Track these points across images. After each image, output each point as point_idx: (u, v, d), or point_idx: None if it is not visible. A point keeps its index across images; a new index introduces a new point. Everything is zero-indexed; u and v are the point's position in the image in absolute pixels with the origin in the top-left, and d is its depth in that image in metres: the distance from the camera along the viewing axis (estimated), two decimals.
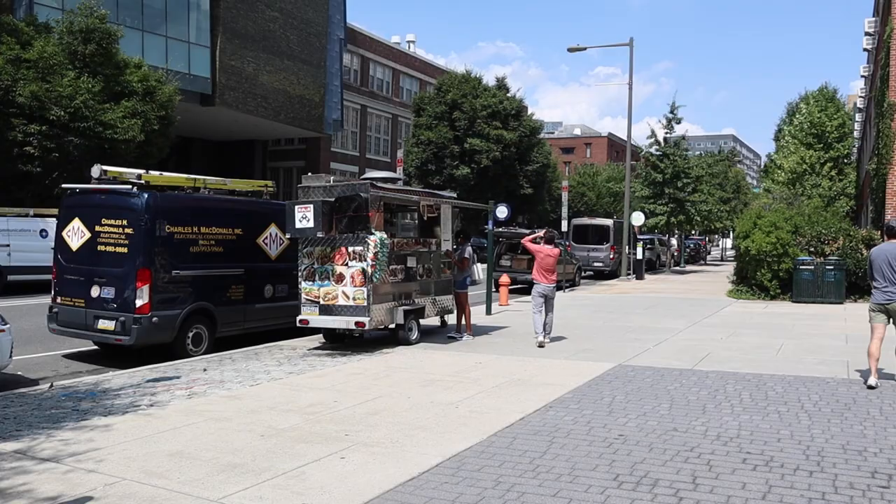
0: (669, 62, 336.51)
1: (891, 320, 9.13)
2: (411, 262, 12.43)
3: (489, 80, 47.57)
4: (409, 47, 56.67)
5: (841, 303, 19.52)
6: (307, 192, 11.71)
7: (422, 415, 7.39)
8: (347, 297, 11.31)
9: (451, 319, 13.85)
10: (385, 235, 11.44)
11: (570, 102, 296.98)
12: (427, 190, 16.79)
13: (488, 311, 16.88)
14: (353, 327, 11.33)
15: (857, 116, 44.01)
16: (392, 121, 50.63)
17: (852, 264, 20.10)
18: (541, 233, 13.39)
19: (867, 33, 32.44)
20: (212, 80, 30.83)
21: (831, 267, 19.79)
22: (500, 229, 25.72)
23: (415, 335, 12.23)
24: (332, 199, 11.42)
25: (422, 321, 12.75)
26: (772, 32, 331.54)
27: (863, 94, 40.30)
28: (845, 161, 45.54)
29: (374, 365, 10.29)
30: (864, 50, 35.84)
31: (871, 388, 8.77)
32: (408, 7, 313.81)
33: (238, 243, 12.00)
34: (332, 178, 12.06)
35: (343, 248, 11.36)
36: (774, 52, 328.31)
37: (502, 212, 21.02)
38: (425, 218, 13.09)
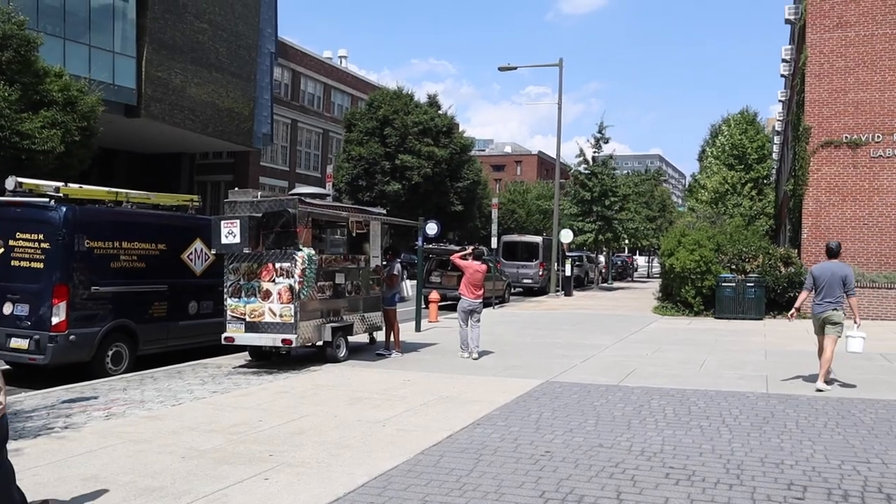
0: (599, 83, 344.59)
1: (825, 329, 10.18)
2: (340, 279, 12.31)
3: (421, 96, 47.72)
4: (341, 62, 56.47)
5: (761, 319, 20.11)
6: (234, 207, 11.50)
7: (348, 433, 7.29)
8: (274, 314, 11.12)
9: (380, 336, 13.76)
10: (313, 252, 11.31)
11: (502, 120, 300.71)
12: (356, 206, 16.70)
13: (418, 328, 16.83)
14: (280, 345, 11.16)
15: (776, 139, 45.67)
16: (323, 136, 50.29)
17: (771, 281, 20.75)
18: (469, 249, 13.52)
19: (784, 60, 33.74)
20: (137, 91, 30.12)
21: (751, 284, 20.40)
22: (431, 246, 25.74)
23: (343, 352, 12.10)
24: (260, 215, 11.24)
25: (350, 338, 12.64)
26: (697, 56, 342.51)
27: (781, 118, 41.88)
28: (765, 182, 47.12)
29: (300, 383, 10.13)
30: (782, 76, 37.28)
31: (819, 391, 9.77)
32: (341, 22, 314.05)
33: (161, 259, 11.70)
34: (259, 193, 11.91)
35: (270, 265, 11.18)
36: (700, 75, 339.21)
37: (432, 228, 21.04)
38: (354, 234, 12.99)
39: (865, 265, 20.76)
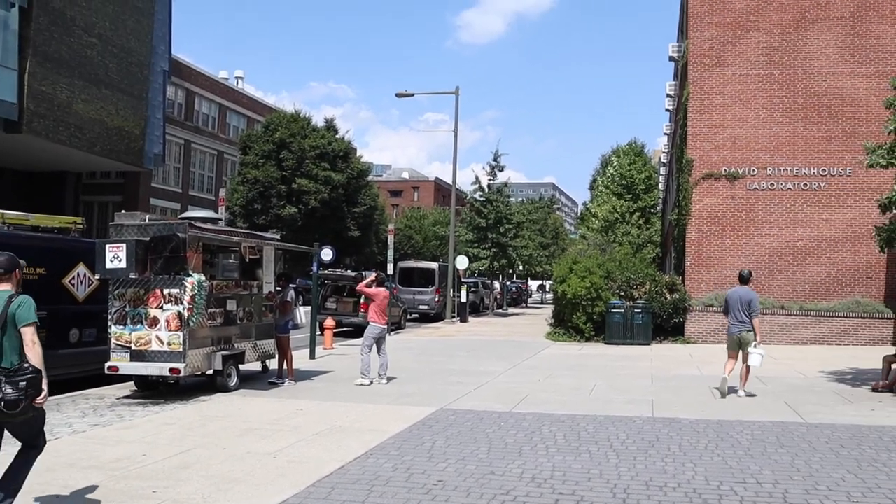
0: (496, 111, 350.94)
1: (741, 346, 11.73)
2: (231, 306, 12.04)
3: (319, 120, 47.49)
4: (237, 83, 55.58)
5: (648, 344, 20.81)
6: (120, 230, 11.10)
7: (237, 466, 7.10)
8: (162, 342, 10.76)
9: (273, 364, 13.50)
10: (203, 277, 11.03)
11: (401, 146, 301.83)
12: (249, 231, 16.43)
13: (312, 356, 16.60)
14: (168, 374, 10.78)
15: (662, 170, 47.60)
16: (218, 157, 49.23)
17: (658, 307, 21.52)
18: (373, 276, 13.58)
19: (669, 95, 35.29)
20: (19, 105, 28.71)
21: (639, 310, 21.10)
22: (326, 272, 25.54)
23: (234, 381, 11.81)
24: (147, 239, 10.89)
25: (242, 366, 12.36)
26: (590, 89, 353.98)
27: (666, 150, 43.70)
28: (652, 211, 48.99)
29: (188, 414, 9.81)
30: (667, 110, 38.96)
31: (739, 396, 11.50)
32: (238, 43, 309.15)
33: (40, 284, 11.12)
34: (147, 216, 11.54)
35: (158, 291, 10.83)
36: (592, 107, 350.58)
37: (327, 254, 20.88)
38: (247, 259, 12.75)
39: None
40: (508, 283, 49.82)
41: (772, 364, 15.94)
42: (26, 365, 5.02)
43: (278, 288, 13.49)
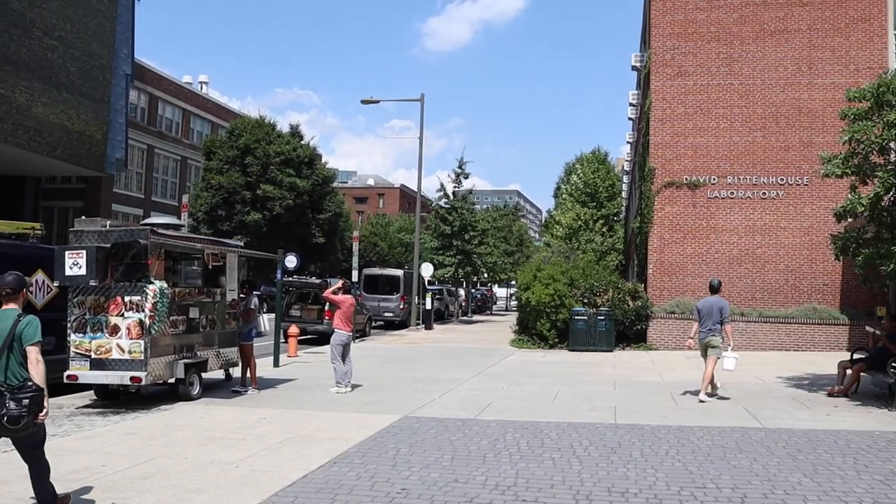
0: (461, 119, 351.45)
1: (706, 351, 12.50)
2: (194, 313, 11.95)
3: (284, 126, 47.26)
4: (201, 88, 55.07)
5: (611, 350, 20.99)
6: (80, 236, 10.97)
7: (199, 476, 7.04)
8: (122, 350, 10.63)
9: (237, 372, 13.40)
10: (165, 285, 10.93)
11: (367, 153, 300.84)
12: (213, 238, 16.30)
13: (276, 363, 16.50)
14: (129, 383, 10.65)
15: (625, 178, 48.14)
16: (181, 163, 48.71)
17: (620, 314, 21.74)
18: (339, 284, 13.55)
19: (631, 104, 35.75)
20: None
21: (602, 317, 21.29)
22: (291, 278, 25.41)
23: (196, 390, 11.70)
24: (108, 246, 10.76)
25: (205, 375, 12.25)
26: (554, 97, 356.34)
27: (629, 159, 44.19)
28: (615, 218, 49.51)
29: (150, 423, 9.71)
30: (630, 119, 39.46)
31: (701, 402, 11.93)
32: (203, 48, 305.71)
33: None
34: (108, 222, 11.38)
35: (119, 298, 10.70)
36: (556, 115, 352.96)
37: (291, 261, 20.81)
38: (210, 266, 12.65)
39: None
40: (473, 290, 49.89)
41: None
42: (30, 383, 5.31)
43: (242, 295, 13.41)
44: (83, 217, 12.19)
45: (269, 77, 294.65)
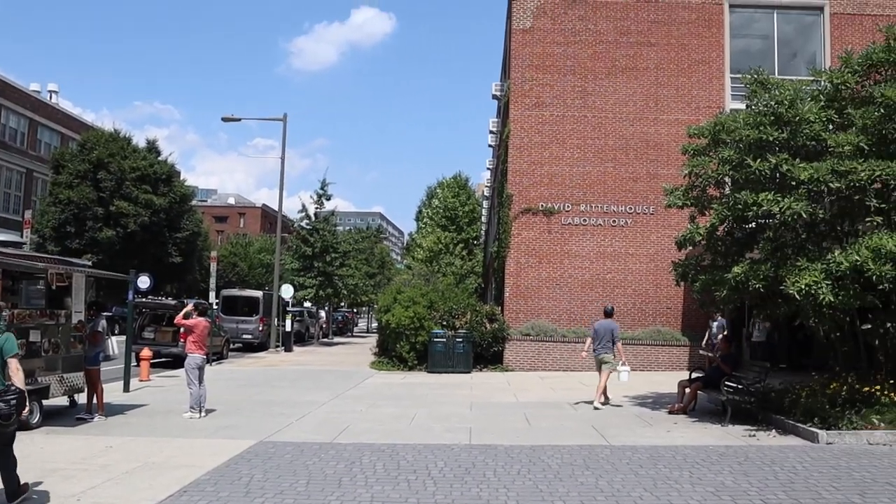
0: (326, 139, 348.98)
1: (600, 367, 14.42)
2: (35, 336, 11.30)
3: (141, 140, 45.51)
4: (50, 97, 52.10)
5: (469, 372, 21.37)
6: None
7: None
8: None
9: (82, 399, 12.76)
10: (4, 305, 10.30)
11: (228, 171, 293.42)
12: (58, 257, 15.49)
13: (126, 388, 15.79)
14: None
15: (485, 203, 49.28)
16: (26, 176, 45.79)
17: (478, 337, 22.19)
18: (190, 307, 13.21)
19: (492, 132, 36.77)
20: None
21: (461, 339, 21.67)
22: (145, 299, 24.45)
23: (36, 418, 11.04)
24: None
25: (46, 402, 11.59)
26: (419, 121, 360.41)
27: (489, 185, 45.34)
28: (474, 242, 50.57)
29: None
30: (490, 146, 40.51)
31: (596, 409, 13.87)
32: (54, 54, 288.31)
33: None
34: None
35: None
36: (420, 139, 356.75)
37: (144, 282, 20.06)
38: (54, 287, 12.03)
39: (558, 321, 22.96)
40: (334, 312, 49.54)
41: (583, 390, 16.86)
42: (13, 387, 6.56)
43: (89, 317, 12.81)
44: None
45: (128, 89, 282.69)
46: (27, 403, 6.63)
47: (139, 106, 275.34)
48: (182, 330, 13.34)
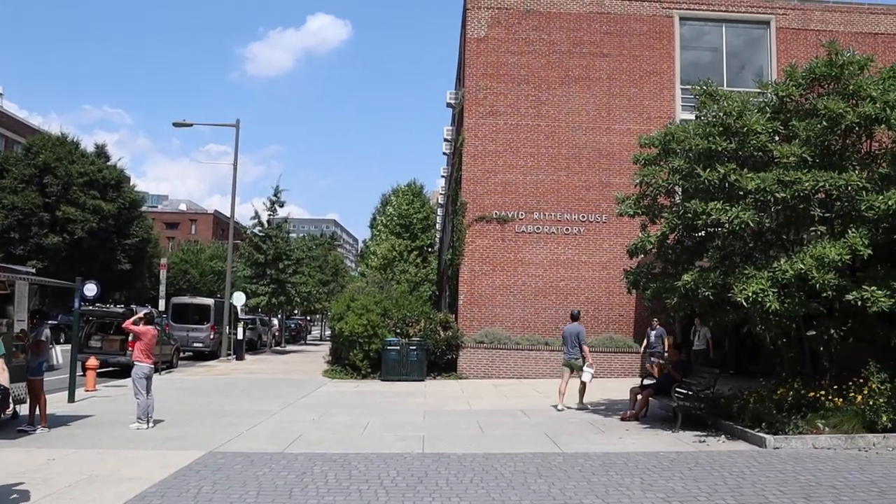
0: (280, 146, 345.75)
1: (572, 371, 15.23)
2: None
3: (90, 145, 44.67)
4: None
5: (423, 380, 21.32)
6: None
7: None
8: None
9: (24, 410, 12.40)
10: None
11: (181, 176, 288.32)
12: (0, 264, 15.06)
13: (71, 399, 15.40)
14: None
15: (439, 211, 49.36)
16: None
17: (432, 344, 22.15)
18: (142, 314, 12.96)
19: (446, 139, 36.88)
20: None
21: (414, 347, 21.61)
22: (93, 307, 23.93)
23: None
24: None
25: None
26: (374, 128, 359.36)
27: (443, 192, 45.42)
28: (429, 250, 50.59)
29: None
30: (444, 154, 40.60)
31: (559, 411, 14.56)
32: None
33: None
34: None
35: None
36: (375, 146, 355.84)
37: (91, 289, 19.60)
38: None
39: (512, 328, 23.05)
40: (287, 319, 49.09)
41: (537, 397, 16.94)
42: None
43: (31, 326, 12.48)
44: None
45: (77, 93, 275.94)
46: (10, 401, 6.74)
47: (89, 110, 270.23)
48: (131, 338, 13.10)
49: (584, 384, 15.40)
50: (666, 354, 17.94)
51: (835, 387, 11.94)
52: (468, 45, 24.71)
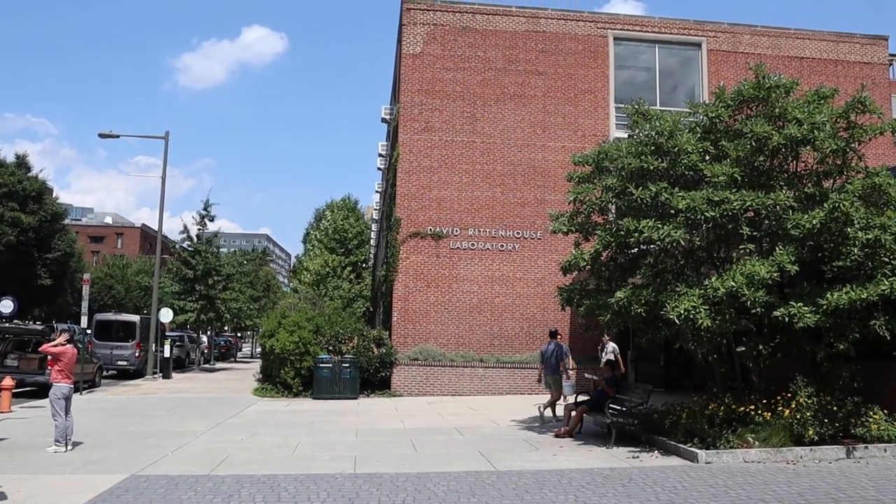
0: (212, 159, 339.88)
1: (553, 386, 15.93)
2: None
3: (9, 155, 43.11)
4: None
5: (356, 398, 21.01)
6: None
7: None
8: None
9: None
10: None
11: (107, 189, 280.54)
12: None
13: None
14: None
15: (374, 227, 49.09)
16: None
17: (365, 362, 21.88)
18: (63, 339, 12.42)
19: (381, 155, 36.69)
20: None
21: (347, 365, 21.30)
22: (7, 325, 22.94)
23: None
24: None
25: None
26: (308, 142, 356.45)
27: (378, 208, 45.22)
28: (363, 266, 50.24)
29: None
30: (379, 169, 40.42)
31: (558, 420, 15.04)
32: None
33: None
34: None
35: None
36: (309, 160, 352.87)
37: (7, 305, 18.82)
38: None
39: (446, 345, 22.92)
40: (217, 336, 48.06)
41: (471, 415, 16.83)
42: None
43: None
44: None
45: None
46: None
47: (10, 118, 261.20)
48: (49, 357, 12.53)
49: (554, 398, 15.96)
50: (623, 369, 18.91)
51: (764, 401, 12.15)
52: (403, 61, 24.65)
